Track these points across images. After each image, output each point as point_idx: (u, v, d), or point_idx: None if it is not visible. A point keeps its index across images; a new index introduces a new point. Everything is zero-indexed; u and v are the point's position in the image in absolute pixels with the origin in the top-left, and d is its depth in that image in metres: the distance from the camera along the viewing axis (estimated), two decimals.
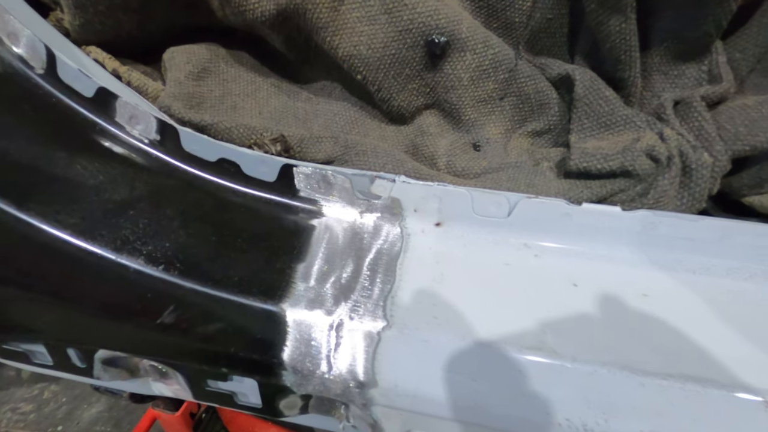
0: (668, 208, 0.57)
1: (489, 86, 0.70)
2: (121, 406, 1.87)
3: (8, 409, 1.88)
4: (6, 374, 2.02)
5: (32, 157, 0.57)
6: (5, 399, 1.92)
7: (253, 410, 0.65)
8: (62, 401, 1.90)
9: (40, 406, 1.89)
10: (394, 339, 0.51)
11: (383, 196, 0.62)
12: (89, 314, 0.55)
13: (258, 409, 0.64)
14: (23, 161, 0.56)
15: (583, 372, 0.48)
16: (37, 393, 1.94)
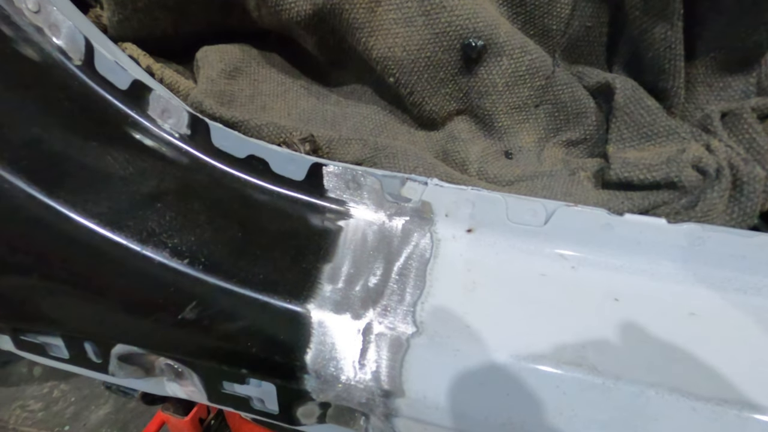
0: (716, 223, 0.54)
1: (524, 93, 0.68)
2: (129, 408, 1.85)
3: (17, 406, 1.88)
4: (18, 371, 2.03)
5: (65, 146, 0.57)
6: (16, 396, 1.92)
7: (269, 417, 0.62)
8: (71, 401, 1.89)
9: (48, 405, 1.88)
10: (424, 347, 0.49)
11: (414, 199, 0.60)
12: (111, 306, 0.54)
13: (273, 415, 0.62)
14: (56, 149, 0.56)
15: (628, 393, 0.44)
16: (47, 391, 1.94)
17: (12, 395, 1.91)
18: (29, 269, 0.53)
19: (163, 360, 0.67)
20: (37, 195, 0.52)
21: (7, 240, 0.53)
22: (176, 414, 1.06)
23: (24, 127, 0.55)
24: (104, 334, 0.57)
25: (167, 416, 1.07)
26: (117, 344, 0.63)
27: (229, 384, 0.63)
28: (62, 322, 0.57)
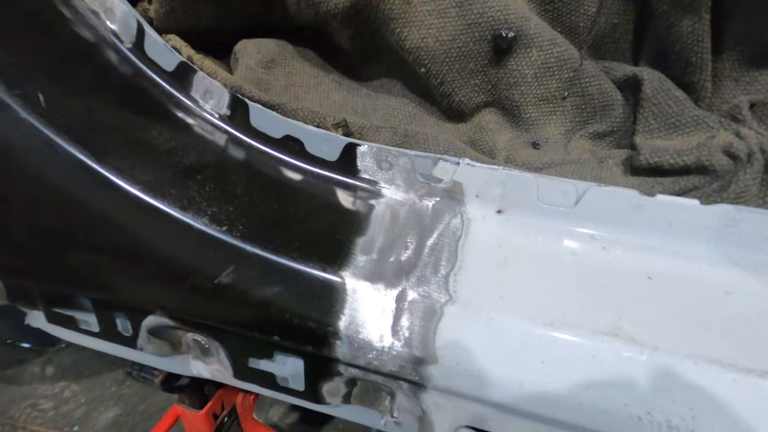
0: (750, 206, 0.54)
1: (552, 85, 0.70)
2: (138, 411, 1.84)
3: (28, 405, 1.88)
4: (31, 370, 2.04)
5: (114, 119, 0.60)
6: (27, 394, 1.92)
7: (294, 395, 0.62)
8: (81, 401, 1.89)
9: (58, 405, 1.88)
10: (458, 315, 0.49)
11: (445, 180, 0.61)
12: (150, 270, 0.55)
13: (299, 393, 0.62)
14: (106, 121, 0.59)
15: (666, 363, 0.44)
16: (58, 391, 1.94)
17: (23, 394, 1.92)
18: (75, 233, 0.55)
19: (190, 336, 0.68)
20: (86, 161, 0.55)
21: (55, 203, 0.55)
22: (191, 407, 1.05)
23: (77, 99, 0.58)
24: (141, 300, 0.58)
25: (182, 409, 1.06)
26: (149, 316, 0.64)
27: (256, 361, 0.63)
28: (102, 286, 0.58)
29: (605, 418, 0.44)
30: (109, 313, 0.66)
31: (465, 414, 0.54)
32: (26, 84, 0.55)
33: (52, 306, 0.70)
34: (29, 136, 0.54)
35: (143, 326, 0.65)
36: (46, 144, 0.54)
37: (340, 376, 0.58)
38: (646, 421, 0.43)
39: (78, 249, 0.55)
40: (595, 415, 0.44)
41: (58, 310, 0.70)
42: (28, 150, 0.54)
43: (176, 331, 0.68)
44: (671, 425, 0.42)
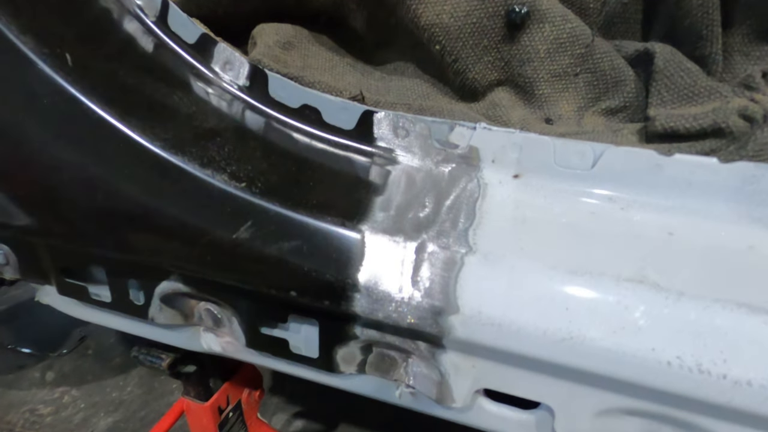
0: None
1: (565, 61, 0.71)
2: (138, 417, 1.79)
3: (27, 410, 1.84)
4: (31, 376, 2.01)
5: (137, 83, 0.61)
6: (26, 400, 1.89)
7: (307, 362, 0.61)
8: (80, 407, 1.85)
9: (58, 410, 1.84)
10: (478, 264, 0.48)
11: (461, 145, 0.61)
12: (169, 227, 0.55)
13: (313, 361, 0.61)
14: (129, 84, 0.60)
15: (694, 307, 0.43)
16: (58, 396, 1.90)
17: (22, 399, 1.88)
18: (94, 189, 0.56)
19: (203, 305, 0.67)
20: (109, 118, 0.56)
21: (75, 159, 0.56)
22: (196, 399, 1.03)
23: (102, 63, 0.60)
24: (158, 259, 0.58)
25: (187, 402, 1.04)
26: (162, 282, 0.63)
27: (269, 328, 0.63)
28: (119, 244, 0.58)
29: (632, 364, 0.43)
30: (122, 280, 0.65)
31: (485, 375, 0.53)
32: (55, 44, 0.56)
33: (64, 276, 0.69)
34: (54, 93, 0.55)
35: (156, 293, 0.65)
36: (70, 101, 0.55)
37: (355, 339, 0.57)
38: (676, 366, 0.42)
39: (97, 206, 0.56)
40: (621, 362, 0.43)
41: (70, 281, 0.69)
42: (52, 106, 0.55)
43: (189, 300, 0.67)
44: (702, 369, 0.41)
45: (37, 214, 0.58)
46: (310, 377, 0.67)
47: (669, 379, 0.42)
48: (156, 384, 1.96)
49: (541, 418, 0.56)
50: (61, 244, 0.61)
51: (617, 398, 0.49)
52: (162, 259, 0.57)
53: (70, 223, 0.57)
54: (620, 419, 0.52)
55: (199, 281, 0.61)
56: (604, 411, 0.50)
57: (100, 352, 2.15)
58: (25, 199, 0.57)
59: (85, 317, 0.78)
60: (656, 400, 0.47)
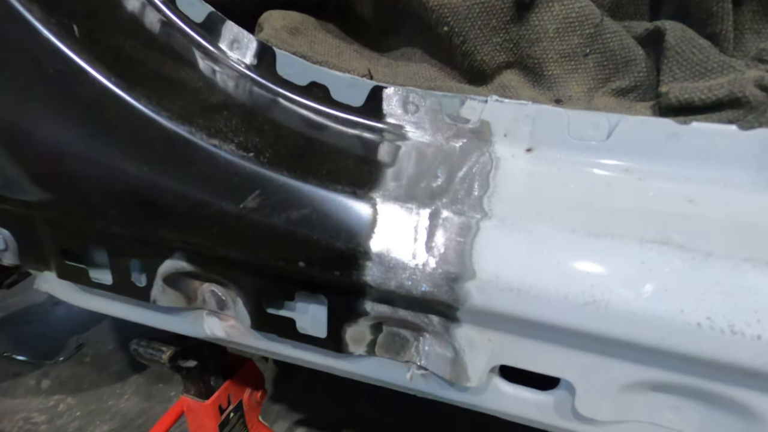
0: None
1: (574, 40, 0.70)
2: (135, 426, 1.75)
3: (21, 418, 1.79)
4: (26, 384, 1.97)
5: (144, 57, 0.60)
6: (20, 407, 1.84)
7: (315, 343, 0.59)
8: (76, 415, 1.80)
9: (53, 418, 1.79)
10: (495, 229, 0.47)
11: (472, 119, 0.60)
12: (174, 197, 0.53)
13: (320, 341, 0.58)
14: (136, 58, 0.60)
15: (723, 267, 0.41)
16: (53, 404, 1.86)
17: (17, 407, 1.84)
18: (99, 160, 0.54)
19: (207, 287, 0.65)
20: (114, 88, 0.55)
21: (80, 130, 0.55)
22: (197, 397, 1.00)
23: (109, 37, 0.59)
24: (163, 232, 0.56)
25: (187, 400, 1.00)
26: (165, 261, 0.62)
27: (275, 308, 0.60)
28: (124, 216, 0.56)
29: (660, 327, 0.41)
30: (124, 260, 0.64)
31: (502, 350, 0.51)
32: (62, 15, 0.56)
33: (64, 258, 0.67)
34: (60, 62, 0.54)
35: (159, 273, 0.63)
36: (76, 70, 0.54)
37: (365, 317, 0.55)
38: (707, 328, 0.39)
39: (100, 177, 0.54)
40: (648, 326, 0.41)
41: (71, 263, 0.68)
42: (57, 75, 0.54)
43: (192, 281, 0.65)
44: (734, 330, 0.39)
45: (39, 186, 0.57)
46: (317, 362, 0.64)
47: (699, 342, 0.40)
48: (154, 391, 1.91)
49: (560, 399, 0.54)
50: (64, 219, 0.60)
51: (643, 370, 0.46)
52: (166, 232, 0.55)
53: (72, 195, 0.56)
54: (646, 396, 0.50)
55: (203, 258, 0.59)
56: (629, 386, 0.48)
57: (98, 359, 2.11)
58: (28, 171, 0.56)
59: (84, 304, 0.76)
60: (684, 371, 0.44)
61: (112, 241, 0.63)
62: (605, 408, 0.49)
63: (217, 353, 1.00)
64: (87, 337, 2.23)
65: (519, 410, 0.56)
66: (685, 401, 0.49)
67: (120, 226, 0.56)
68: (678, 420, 0.50)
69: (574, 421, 0.54)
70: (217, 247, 0.54)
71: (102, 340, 2.21)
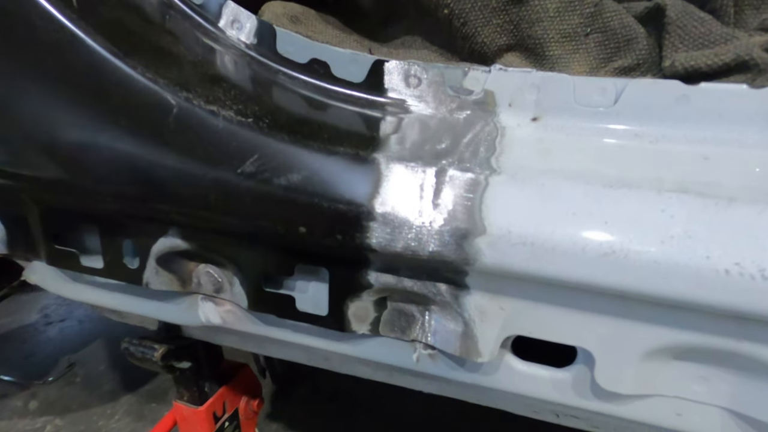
0: None
1: (574, 20, 0.70)
2: None
3: None
4: (13, 405, 1.89)
5: (142, 31, 0.60)
6: (5, 429, 1.76)
7: (316, 322, 0.56)
8: None
9: None
10: (505, 183, 0.45)
11: (476, 90, 0.59)
12: (170, 165, 0.51)
13: (322, 319, 0.55)
14: (134, 32, 0.59)
15: (748, 212, 0.39)
16: (40, 426, 1.78)
17: (2, 429, 1.75)
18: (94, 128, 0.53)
19: (202, 268, 0.62)
20: (111, 57, 0.54)
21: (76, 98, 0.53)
22: (190, 403, 0.94)
23: (108, 10, 0.59)
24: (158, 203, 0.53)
25: (180, 407, 0.95)
26: (159, 239, 0.59)
27: (273, 287, 0.58)
28: (119, 186, 0.54)
29: (685, 276, 0.38)
30: (116, 240, 0.61)
31: (514, 318, 0.48)
32: None
33: (54, 243, 0.65)
34: (57, 31, 0.53)
35: (152, 253, 0.60)
36: (73, 39, 0.53)
37: (369, 289, 0.52)
38: (736, 274, 0.37)
39: (95, 147, 0.52)
40: (672, 275, 0.38)
41: (61, 248, 0.65)
42: (53, 43, 0.53)
43: (187, 262, 0.63)
44: (766, 275, 0.36)
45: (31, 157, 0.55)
46: (318, 346, 0.61)
47: (728, 290, 0.37)
48: (146, 411, 1.84)
49: (578, 375, 0.50)
50: (55, 194, 0.57)
51: (667, 333, 0.43)
52: (161, 203, 0.53)
53: (65, 167, 0.54)
54: (670, 366, 0.47)
55: (199, 234, 0.57)
56: (652, 353, 0.45)
57: (89, 379, 2.03)
58: (19, 141, 0.54)
59: (73, 295, 0.73)
60: (711, 329, 0.42)
61: (104, 219, 0.60)
62: (627, 380, 0.46)
63: (212, 356, 0.96)
64: (78, 357, 2.16)
65: (534, 390, 0.52)
66: (713, 370, 0.46)
67: (113, 199, 0.54)
68: (706, 392, 0.46)
69: (594, 400, 0.50)
70: (213, 216, 0.52)
71: (94, 360, 2.14)
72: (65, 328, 2.40)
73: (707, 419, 0.47)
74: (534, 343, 0.54)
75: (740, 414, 0.45)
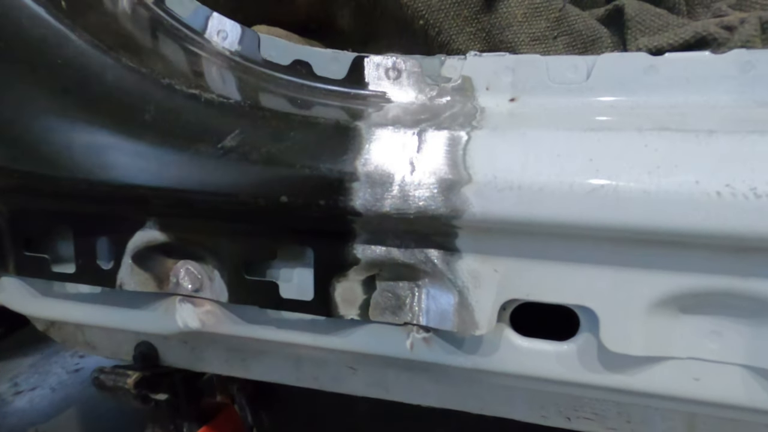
0: None
1: (542, 24, 0.75)
2: None
3: None
4: None
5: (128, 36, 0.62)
6: None
7: (302, 309, 0.52)
8: None
9: None
10: (487, 136, 0.45)
11: (453, 77, 0.61)
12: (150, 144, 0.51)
13: (307, 305, 0.52)
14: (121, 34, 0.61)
15: (730, 139, 0.39)
16: None
17: None
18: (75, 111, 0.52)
19: (181, 265, 0.60)
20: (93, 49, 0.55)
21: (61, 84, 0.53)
22: None
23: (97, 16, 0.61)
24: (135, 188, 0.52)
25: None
26: (136, 232, 0.57)
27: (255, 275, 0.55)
28: (98, 169, 0.52)
29: (676, 203, 0.37)
30: (90, 239, 0.58)
31: (510, 281, 0.45)
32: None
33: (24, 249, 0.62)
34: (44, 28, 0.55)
35: (128, 250, 0.57)
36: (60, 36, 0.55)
37: (356, 266, 0.50)
38: (728, 195, 0.36)
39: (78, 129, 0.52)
40: (663, 203, 0.37)
41: (31, 254, 0.62)
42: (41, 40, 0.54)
43: (164, 259, 0.60)
44: (758, 193, 0.35)
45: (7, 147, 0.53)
46: (305, 342, 0.56)
47: (721, 213, 0.36)
48: None
49: (583, 345, 0.47)
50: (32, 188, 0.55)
51: (668, 278, 0.41)
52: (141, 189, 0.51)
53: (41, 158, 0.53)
54: (679, 322, 0.44)
55: (178, 223, 0.55)
56: (657, 305, 0.42)
57: None
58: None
59: (41, 312, 0.68)
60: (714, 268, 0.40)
61: (78, 218, 0.58)
62: (636, 339, 0.43)
63: (191, 388, 0.88)
64: (46, 427, 1.99)
65: (537, 367, 0.48)
66: (724, 322, 0.43)
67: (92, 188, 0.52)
68: (721, 349, 0.43)
69: (603, 372, 0.47)
70: (193, 197, 0.50)
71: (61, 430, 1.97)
72: (36, 398, 2.23)
73: (728, 382, 0.43)
74: (533, 327, 0.51)
75: (761, 369, 0.42)
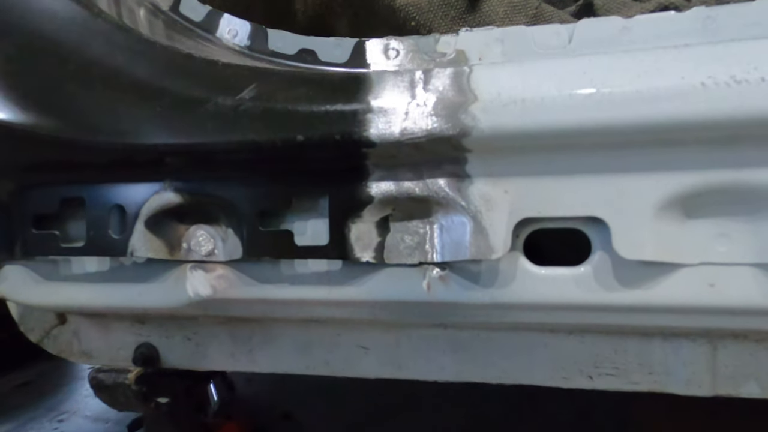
0: None
1: (521, 20, 0.83)
2: None
3: None
4: None
5: None
6: None
7: (317, 255, 0.53)
8: None
9: None
10: (487, 68, 0.49)
11: (448, 52, 0.67)
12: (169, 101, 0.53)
13: (323, 250, 0.53)
14: None
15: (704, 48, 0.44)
16: None
17: None
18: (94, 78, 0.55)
19: (194, 230, 0.60)
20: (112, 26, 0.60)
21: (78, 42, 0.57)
22: None
23: None
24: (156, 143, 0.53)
25: None
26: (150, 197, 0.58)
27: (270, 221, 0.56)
28: (115, 130, 0.54)
29: (666, 96, 0.40)
30: (103, 209, 0.59)
31: (520, 200, 0.47)
32: None
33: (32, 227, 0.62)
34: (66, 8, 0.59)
35: (141, 215, 0.58)
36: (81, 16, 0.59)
37: (370, 205, 0.51)
38: (711, 85, 0.40)
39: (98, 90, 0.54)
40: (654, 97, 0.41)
41: (37, 231, 0.62)
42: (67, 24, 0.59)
43: (177, 225, 0.60)
44: (737, 79, 0.39)
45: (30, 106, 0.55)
46: (320, 297, 0.56)
47: (708, 100, 0.39)
48: None
49: (597, 264, 0.48)
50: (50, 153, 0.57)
51: (669, 179, 0.44)
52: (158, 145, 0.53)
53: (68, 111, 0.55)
54: (686, 225, 0.46)
55: (193, 183, 0.56)
56: (663, 207, 0.44)
57: None
58: (18, 92, 0.56)
59: (45, 299, 0.66)
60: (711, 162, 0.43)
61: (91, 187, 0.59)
62: (647, 243, 0.44)
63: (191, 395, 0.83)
64: None
65: (555, 294, 0.49)
66: (729, 222, 0.45)
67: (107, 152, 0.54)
68: (730, 251, 0.45)
69: (621, 289, 0.47)
70: (210, 147, 0.52)
71: None
72: None
73: (742, 284, 0.44)
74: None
75: None
